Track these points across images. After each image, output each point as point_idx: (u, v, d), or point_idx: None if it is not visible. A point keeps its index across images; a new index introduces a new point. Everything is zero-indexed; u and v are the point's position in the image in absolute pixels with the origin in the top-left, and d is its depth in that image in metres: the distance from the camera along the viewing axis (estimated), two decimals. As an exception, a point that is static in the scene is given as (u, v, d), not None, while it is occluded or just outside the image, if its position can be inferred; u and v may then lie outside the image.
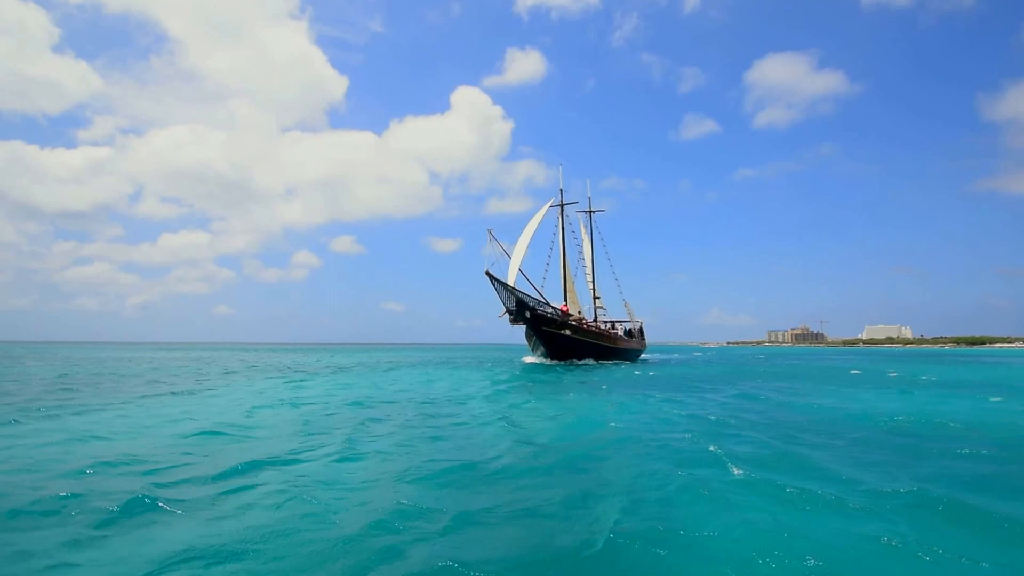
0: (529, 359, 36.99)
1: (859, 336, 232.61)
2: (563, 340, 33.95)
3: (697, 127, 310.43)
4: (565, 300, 38.55)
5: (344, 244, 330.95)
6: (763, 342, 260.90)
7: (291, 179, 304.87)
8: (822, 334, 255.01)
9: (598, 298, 41.62)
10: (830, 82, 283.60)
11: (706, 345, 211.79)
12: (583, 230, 46.42)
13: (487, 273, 28.19)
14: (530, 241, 34.92)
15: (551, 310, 32.95)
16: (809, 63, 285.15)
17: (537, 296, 35.01)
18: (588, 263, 46.23)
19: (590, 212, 46.55)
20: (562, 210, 39.99)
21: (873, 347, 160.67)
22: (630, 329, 45.27)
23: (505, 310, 32.11)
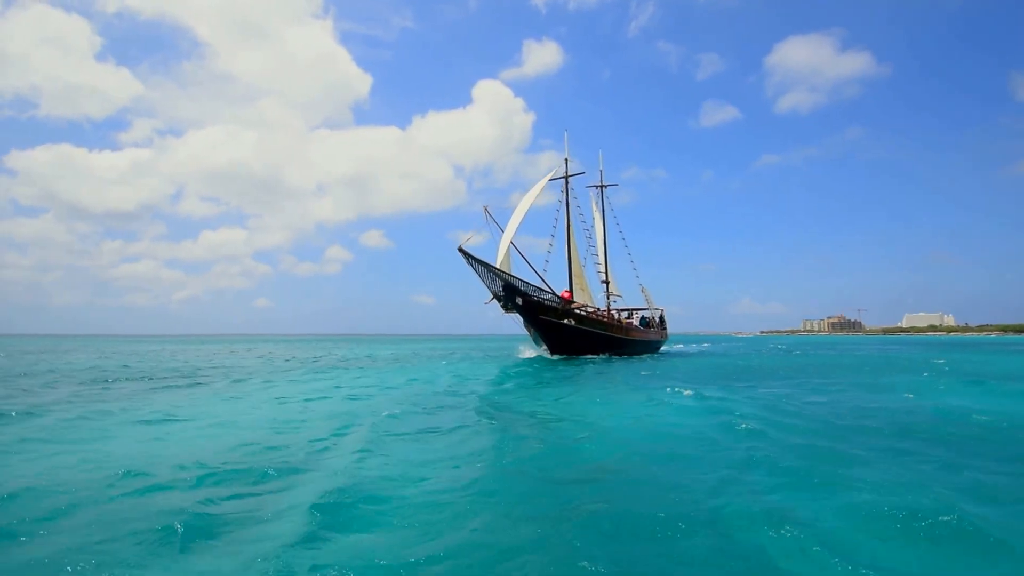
0: (529, 352, 31.55)
1: (899, 324, 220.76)
2: (565, 331, 28.43)
3: (717, 114, 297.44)
4: (570, 286, 32.91)
5: (374, 239, 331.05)
6: (798, 331, 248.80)
7: (321, 176, 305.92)
8: (859, 323, 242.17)
9: (606, 282, 35.73)
10: (855, 64, 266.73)
11: (739, 335, 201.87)
12: (594, 207, 40.61)
13: (460, 249, 22.84)
14: (526, 214, 29.42)
15: (548, 295, 27.42)
16: (832, 44, 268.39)
17: (539, 280, 29.57)
18: (600, 244, 40.41)
19: (601, 187, 40.63)
20: (567, 183, 34.28)
21: (915, 336, 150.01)
22: (648, 318, 39.27)
23: (492, 296, 26.78)
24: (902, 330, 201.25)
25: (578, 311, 29.24)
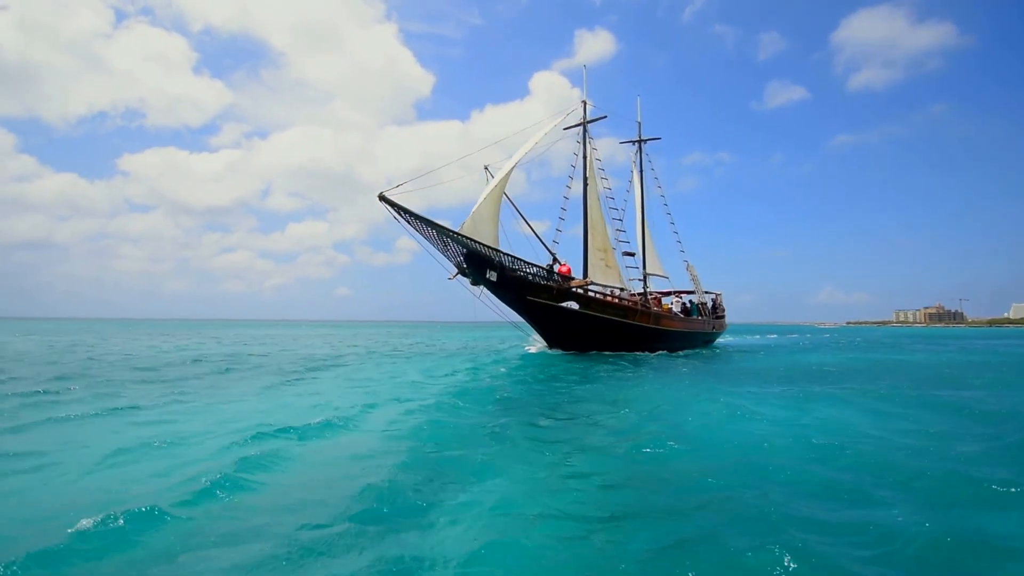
0: (538, 345, 23.67)
1: (1006, 315, 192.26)
2: (566, 318, 20.39)
3: (783, 94, 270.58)
4: (584, 261, 24.55)
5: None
6: (889, 322, 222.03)
7: (390, 170, 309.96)
8: (960, 313, 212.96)
9: (629, 253, 26.55)
10: (935, 35, 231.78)
11: (821, 325, 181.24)
12: (633, 168, 31.74)
13: (382, 198, 15.19)
14: (519, 161, 21.44)
15: (535, 269, 19.35)
16: (907, 16, 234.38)
17: (547, 252, 21.58)
18: (637, 212, 31.51)
19: (639, 141, 31.60)
20: (585, 130, 25.76)
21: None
22: (692, 304, 29.97)
23: (457, 270, 19.13)
24: (1010, 321, 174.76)
25: (583, 290, 20.97)
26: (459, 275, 19.05)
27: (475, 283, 19.01)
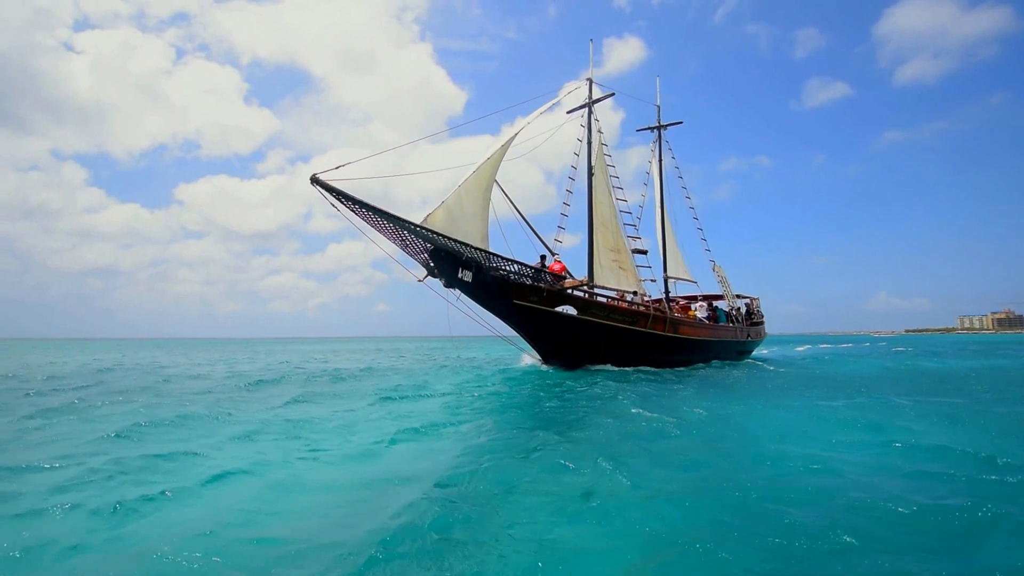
0: (530, 359, 20.40)
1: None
2: (563, 327, 17.14)
3: (823, 92, 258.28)
4: (590, 260, 21.20)
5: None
6: (953, 329, 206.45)
7: (424, 189, 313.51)
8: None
9: (640, 251, 22.48)
10: (989, 20, 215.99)
11: (877, 334, 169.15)
12: (652, 158, 28.23)
13: (315, 179, 12.33)
14: (509, 144, 18.43)
15: (516, 267, 16.13)
16: (957, 2, 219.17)
17: (546, 252, 18.46)
18: (656, 207, 27.94)
19: (658, 127, 28.08)
20: (590, 111, 22.54)
21: None
22: (718, 311, 25.90)
23: (425, 271, 16.15)
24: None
25: (585, 292, 17.65)
26: (429, 277, 16.06)
27: (448, 285, 15.99)
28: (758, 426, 7.56)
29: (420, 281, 16.16)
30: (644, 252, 22.08)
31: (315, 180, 12.44)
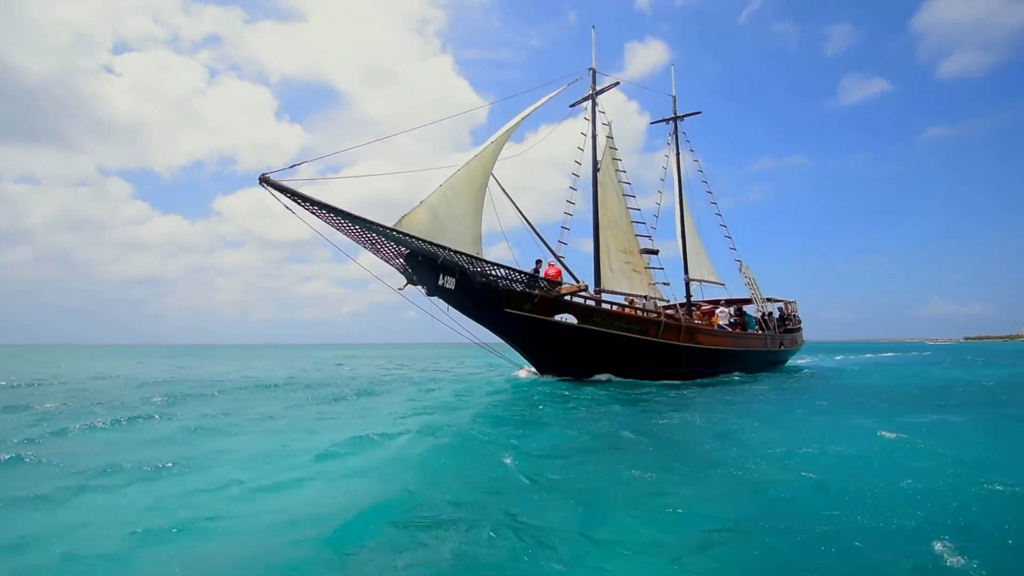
0: (526, 370, 18.67)
1: None
2: (562, 337, 15.50)
3: (860, 89, 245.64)
4: (598, 267, 19.43)
5: (501, 251, 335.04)
6: (1017, 336, 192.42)
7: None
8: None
9: (651, 251, 20.21)
10: None
11: (932, 342, 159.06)
12: (669, 153, 26.26)
13: (265, 179, 10.96)
14: (504, 137, 16.93)
15: (503, 271, 14.50)
16: None
17: (543, 257, 16.88)
18: (676, 206, 25.90)
19: (675, 118, 26.07)
20: (594, 104, 20.83)
21: None
22: (746, 317, 23.58)
23: (405, 279, 14.71)
24: None
25: (580, 299, 15.91)
26: (409, 285, 14.64)
27: (430, 294, 14.55)
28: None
29: (399, 291, 14.76)
30: (655, 252, 20.12)
31: (265, 180, 11.13)
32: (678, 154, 25.55)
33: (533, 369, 17.33)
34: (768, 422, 8.46)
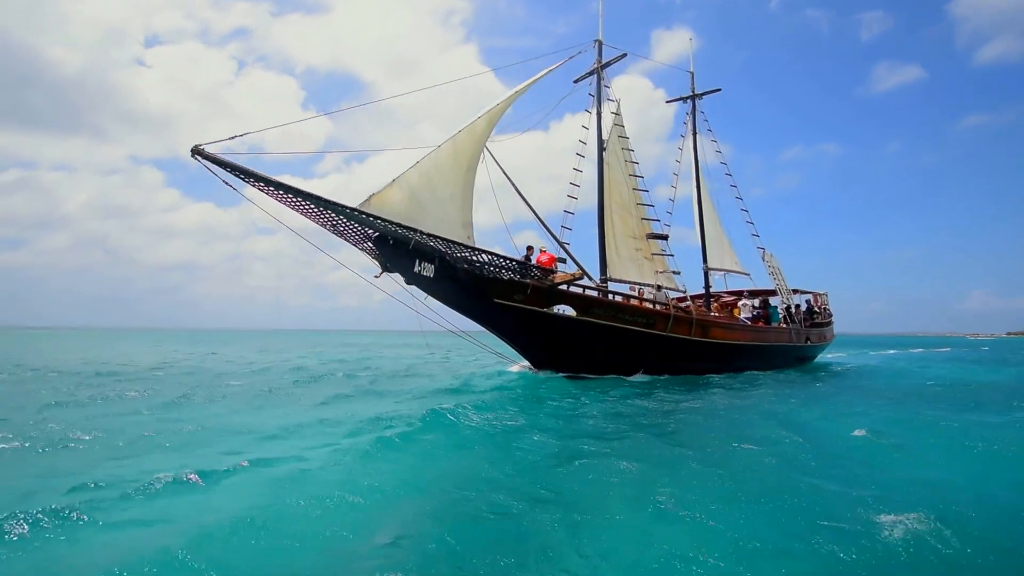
0: (520, 364, 17.21)
1: None
2: (559, 331, 14.11)
3: (893, 76, 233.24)
4: (602, 250, 17.86)
5: (527, 239, 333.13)
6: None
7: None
8: None
9: (660, 236, 18.26)
10: None
11: (974, 337, 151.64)
12: (687, 133, 24.35)
13: (197, 151, 9.73)
14: (499, 110, 15.46)
15: (486, 257, 13.07)
16: None
17: (556, 246, 15.39)
18: (695, 190, 24.02)
19: (692, 97, 24.10)
20: (599, 78, 19.09)
21: None
22: (770, 309, 21.68)
23: (380, 266, 13.40)
24: None
25: (578, 289, 14.43)
26: (385, 272, 13.34)
27: (409, 282, 13.24)
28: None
29: (376, 278, 13.47)
30: (664, 237, 18.42)
31: (197, 151, 9.81)
32: (695, 134, 23.61)
33: (527, 364, 15.96)
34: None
